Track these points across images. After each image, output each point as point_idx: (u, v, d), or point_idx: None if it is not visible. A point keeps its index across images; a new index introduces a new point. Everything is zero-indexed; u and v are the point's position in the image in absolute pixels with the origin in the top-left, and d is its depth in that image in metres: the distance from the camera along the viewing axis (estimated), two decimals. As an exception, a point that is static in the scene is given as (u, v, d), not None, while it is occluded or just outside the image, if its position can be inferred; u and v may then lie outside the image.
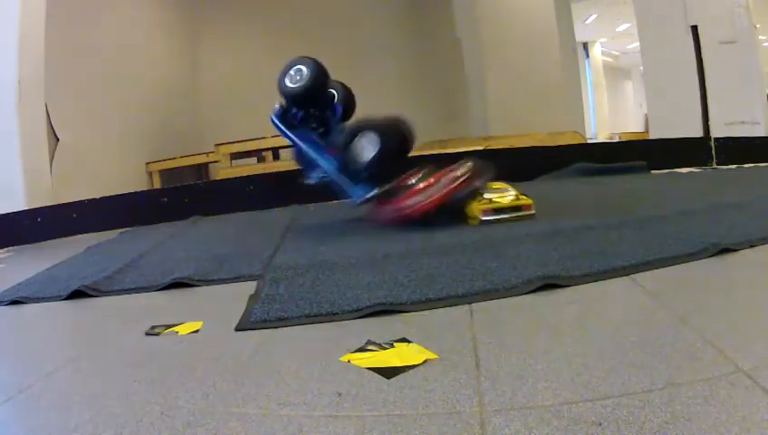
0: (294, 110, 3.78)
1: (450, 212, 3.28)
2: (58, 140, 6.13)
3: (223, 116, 9.98)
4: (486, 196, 3.21)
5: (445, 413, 1.16)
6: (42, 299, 2.58)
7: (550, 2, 9.74)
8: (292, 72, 3.65)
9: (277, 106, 3.85)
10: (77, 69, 6.71)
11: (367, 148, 3.42)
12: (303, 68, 3.62)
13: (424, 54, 10.77)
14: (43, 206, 5.19)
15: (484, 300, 1.89)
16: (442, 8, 10.46)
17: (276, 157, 8.48)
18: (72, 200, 5.27)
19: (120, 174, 7.39)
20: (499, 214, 3.14)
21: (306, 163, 3.93)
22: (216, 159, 8.04)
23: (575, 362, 1.34)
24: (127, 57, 7.93)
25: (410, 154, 3.71)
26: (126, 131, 7.77)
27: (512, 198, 3.20)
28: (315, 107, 3.80)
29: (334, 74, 3.79)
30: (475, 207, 3.19)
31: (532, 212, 3.21)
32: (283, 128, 3.82)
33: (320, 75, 3.62)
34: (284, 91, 3.68)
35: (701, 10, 5.84)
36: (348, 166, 3.54)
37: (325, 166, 3.69)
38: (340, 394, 1.29)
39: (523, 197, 3.24)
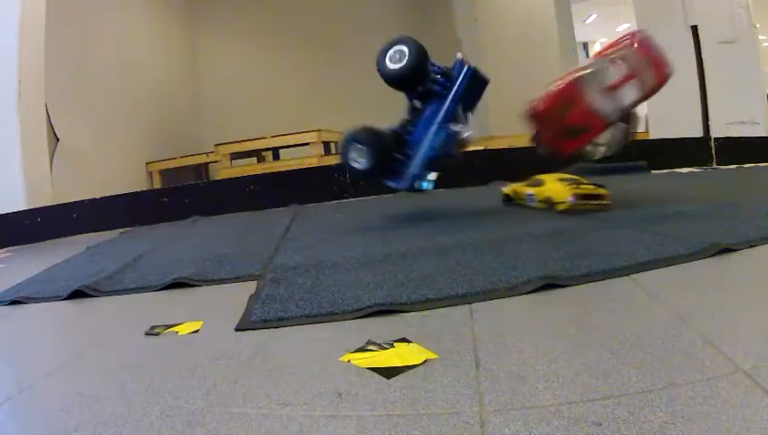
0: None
1: None
2: (58, 140, 6.13)
3: (223, 116, 9.99)
4: (573, 182, 3.27)
5: (445, 413, 1.16)
6: (42, 299, 2.58)
7: (550, 2, 9.75)
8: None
9: (390, 183, 3.63)
10: (77, 69, 6.71)
11: (403, 50, 3.36)
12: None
13: (424, 54, 10.76)
14: (43, 206, 5.20)
15: (484, 300, 1.89)
16: (442, 9, 10.46)
17: (276, 157, 8.49)
18: (72, 200, 5.28)
19: (120, 174, 7.40)
20: (585, 200, 3.20)
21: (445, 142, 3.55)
22: (216, 159, 8.04)
23: (575, 362, 1.33)
24: (127, 58, 7.94)
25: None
26: (126, 132, 7.78)
27: (592, 187, 3.28)
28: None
29: (334, 74, 3.78)
30: (565, 191, 3.20)
31: (609, 202, 3.27)
32: (418, 172, 3.51)
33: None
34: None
35: (701, 10, 5.84)
36: (408, 77, 3.41)
37: (444, 108, 3.46)
38: (340, 394, 1.29)
39: (601, 187, 3.30)
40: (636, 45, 3.16)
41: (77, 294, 2.55)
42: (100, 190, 5.49)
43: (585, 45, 18.41)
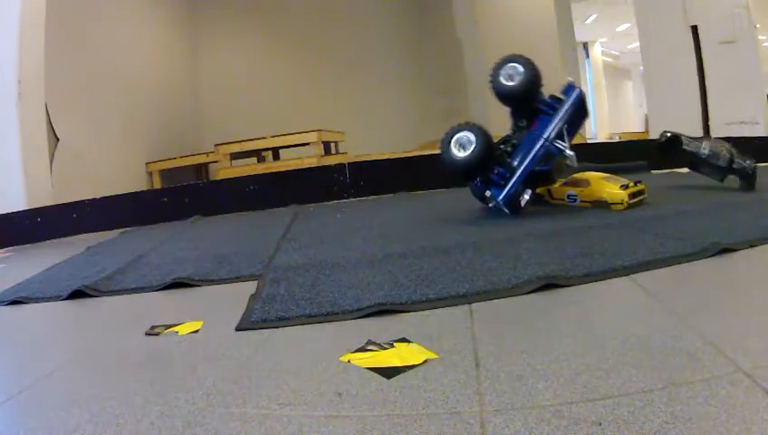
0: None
1: None
2: (58, 139, 6.13)
3: (223, 116, 9.99)
4: (622, 182, 3.49)
5: (445, 413, 1.16)
6: (42, 299, 2.58)
7: (550, 2, 9.75)
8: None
9: (488, 192, 3.47)
10: (77, 69, 6.71)
11: (517, 68, 3.49)
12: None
13: (424, 54, 10.77)
14: (43, 206, 5.20)
15: (484, 300, 1.89)
16: (442, 9, 10.46)
17: (276, 157, 8.48)
18: (72, 200, 5.28)
19: (120, 174, 7.40)
20: (635, 197, 3.44)
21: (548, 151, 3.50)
22: (216, 159, 8.03)
23: (575, 362, 1.33)
24: (127, 57, 7.93)
25: (409, 155, 3.63)
26: (126, 131, 7.78)
27: (633, 184, 3.49)
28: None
29: (335, 74, 3.77)
30: (620, 193, 3.40)
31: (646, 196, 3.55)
32: (519, 184, 3.42)
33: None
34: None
35: (701, 10, 5.84)
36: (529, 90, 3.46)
37: (553, 124, 3.45)
38: (340, 394, 1.29)
39: (639, 183, 3.53)
40: None
41: (77, 294, 2.55)
42: (100, 190, 5.49)
43: (585, 45, 18.44)
